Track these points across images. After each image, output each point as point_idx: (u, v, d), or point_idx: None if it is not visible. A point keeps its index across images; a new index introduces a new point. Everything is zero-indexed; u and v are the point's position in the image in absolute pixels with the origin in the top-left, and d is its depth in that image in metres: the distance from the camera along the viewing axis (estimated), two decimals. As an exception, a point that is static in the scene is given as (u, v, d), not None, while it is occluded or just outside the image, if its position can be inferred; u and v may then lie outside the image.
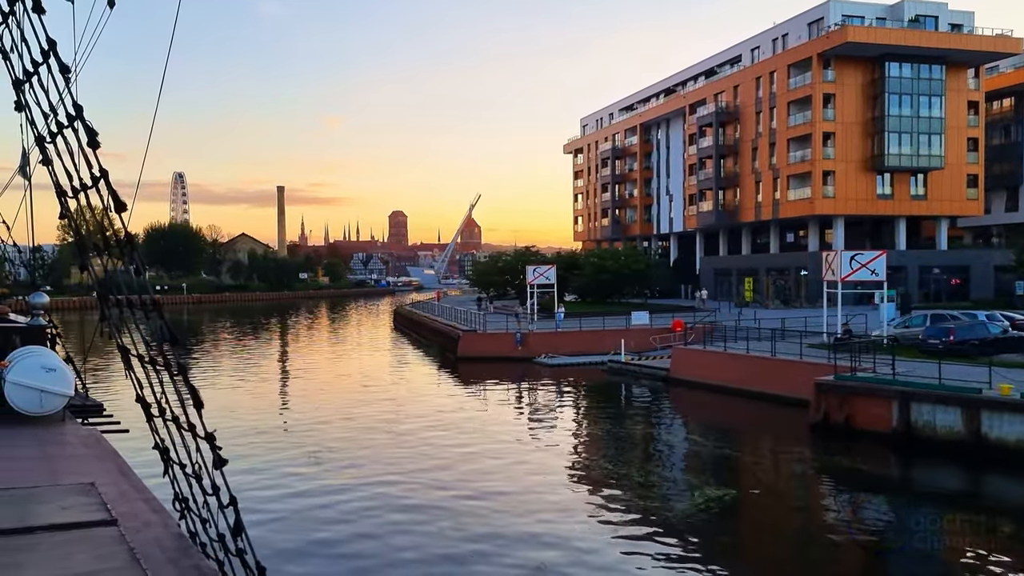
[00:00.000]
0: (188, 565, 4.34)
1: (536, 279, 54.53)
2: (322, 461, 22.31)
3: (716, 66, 79.31)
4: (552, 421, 29.98)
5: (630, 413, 32.07)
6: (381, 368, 46.35)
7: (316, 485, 19.69)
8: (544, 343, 45.92)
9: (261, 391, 40.81)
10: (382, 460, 22.71)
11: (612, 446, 25.22)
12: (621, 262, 64.56)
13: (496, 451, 24.11)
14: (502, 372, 42.56)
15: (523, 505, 18.11)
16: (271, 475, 20.69)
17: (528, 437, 26.79)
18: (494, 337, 46.93)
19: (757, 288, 71.30)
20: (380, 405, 32.20)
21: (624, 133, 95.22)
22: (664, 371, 36.52)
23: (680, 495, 19.08)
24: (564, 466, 22.51)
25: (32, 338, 9.27)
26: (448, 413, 30.64)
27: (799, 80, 64.57)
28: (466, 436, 26.55)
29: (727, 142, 74.18)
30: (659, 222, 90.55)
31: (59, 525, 4.73)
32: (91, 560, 4.24)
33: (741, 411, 30.17)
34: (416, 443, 24.91)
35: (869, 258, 33.55)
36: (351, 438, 25.97)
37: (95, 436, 8.20)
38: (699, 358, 34.65)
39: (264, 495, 18.52)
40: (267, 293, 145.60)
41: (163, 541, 4.69)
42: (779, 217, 67.42)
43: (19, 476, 6.06)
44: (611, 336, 46.76)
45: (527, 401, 34.89)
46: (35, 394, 7.94)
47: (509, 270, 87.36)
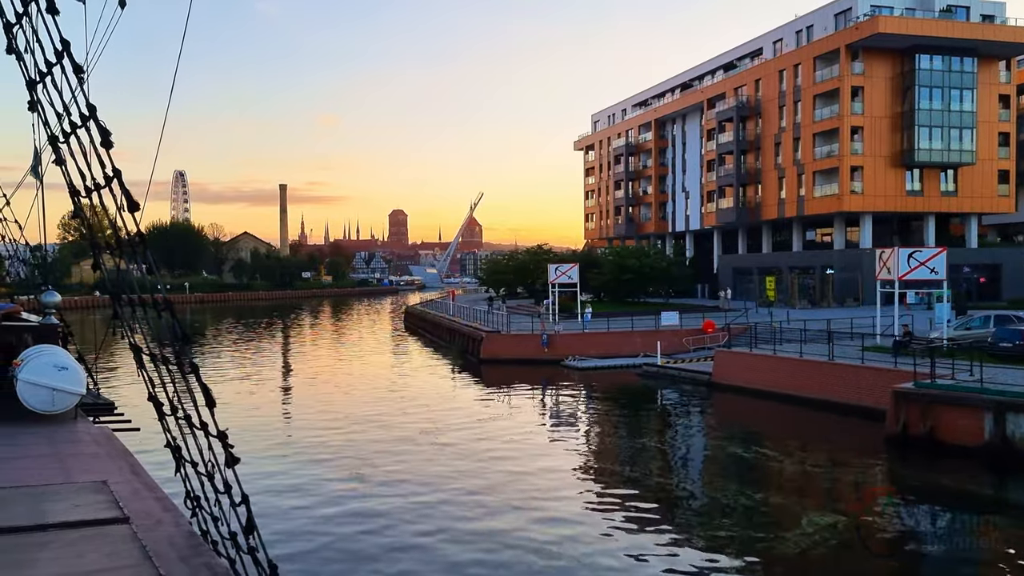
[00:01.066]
0: (200, 563, 4.32)
1: (558, 278, 52.48)
2: (348, 467, 21.81)
3: (735, 60, 77.29)
4: (591, 432, 28.00)
5: (675, 423, 30.02)
6: (401, 371, 44.30)
7: (337, 490, 19.35)
8: (571, 345, 43.96)
9: (277, 392, 38.94)
10: (414, 469, 21.63)
11: (663, 463, 23.18)
12: (644, 261, 62.55)
13: (531, 465, 22.31)
14: (529, 376, 40.59)
15: (576, 538, 16.14)
16: (286, 475, 20.48)
17: (566, 451, 24.81)
18: (519, 338, 44.93)
19: (779, 287, 69.25)
20: (411, 412, 30.20)
21: (638, 129, 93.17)
22: (706, 375, 34.52)
23: (767, 523, 17.06)
24: (615, 486, 20.46)
25: (44, 337, 9.22)
26: (481, 421, 28.68)
27: (825, 73, 62.54)
28: (498, 444, 24.86)
29: (748, 137, 72.17)
30: (674, 220, 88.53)
31: (72, 523, 4.75)
32: (104, 558, 4.25)
33: (801, 421, 28.11)
34: (453, 454, 23.01)
35: (928, 256, 31.48)
36: (383, 447, 24.21)
37: (106, 434, 8.21)
38: (746, 362, 32.65)
39: (278, 494, 18.41)
40: (270, 292, 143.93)
41: (175, 539, 4.69)
42: (804, 214, 65.42)
43: (32, 474, 6.09)
44: (640, 337, 44.86)
45: (560, 408, 32.87)
46: (47, 392, 7.93)
47: (522, 269, 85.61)
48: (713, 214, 77.34)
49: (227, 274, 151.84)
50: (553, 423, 29.73)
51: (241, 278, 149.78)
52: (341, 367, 46.54)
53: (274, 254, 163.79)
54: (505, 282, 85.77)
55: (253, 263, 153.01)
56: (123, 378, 34.61)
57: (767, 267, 71.38)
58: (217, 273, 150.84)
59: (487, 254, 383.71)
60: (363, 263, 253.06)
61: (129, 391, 26.26)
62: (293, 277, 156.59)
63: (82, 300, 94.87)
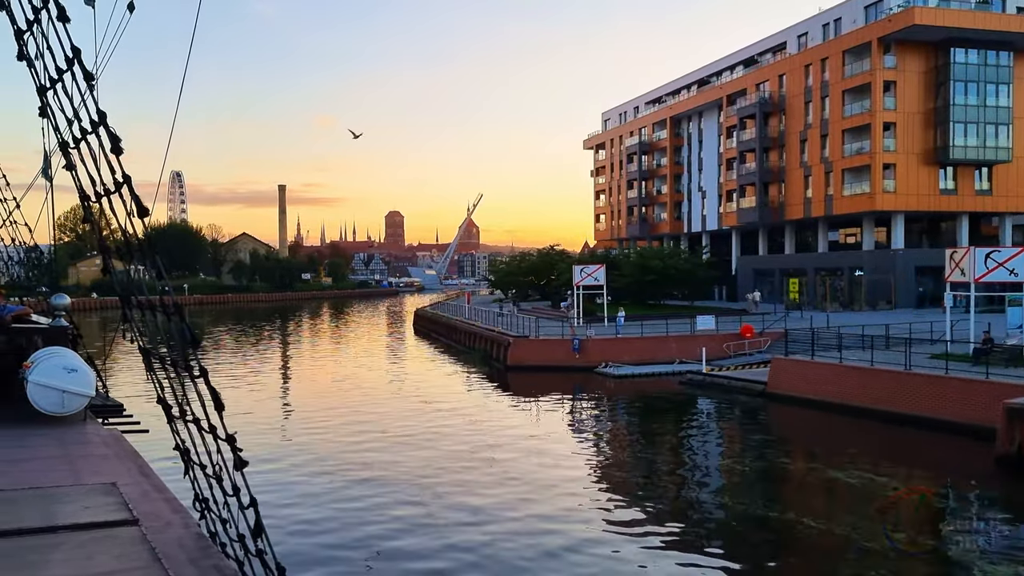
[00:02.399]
0: (209, 565, 4.34)
1: (583, 280, 50.04)
2: (357, 469, 21.78)
3: (757, 55, 74.95)
4: (638, 450, 25.42)
5: (734, 438, 27.50)
6: (423, 378, 41.68)
7: (347, 495, 19.12)
8: (604, 350, 41.49)
9: (291, 396, 36.56)
10: (437, 478, 20.94)
11: (728, 487, 20.60)
12: (667, 262, 60.11)
13: (575, 486, 19.99)
14: (561, 384, 38.18)
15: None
16: (297, 479, 20.52)
17: (611, 472, 22.33)
18: (548, 344, 42.44)
19: (803, 289, 66.98)
20: (444, 425, 27.67)
21: (652, 127, 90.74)
22: (760, 385, 32.06)
23: (881, 561, 14.58)
24: (673, 516, 18.01)
25: (54, 339, 9.25)
26: (518, 436, 26.15)
27: (856, 67, 60.21)
28: (536, 460, 22.47)
29: (771, 134, 69.82)
30: (690, 220, 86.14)
31: (82, 524, 4.77)
32: (113, 559, 4.27)
33: (883, 438, 25.54)
34: (481, 467, 20.51)
35: (1008, 256, 29.12)
36: (401, 454, 21.78)
37: (116, 436, 8.23)
38: (807, 370, 30.18)
39: (289, 498, 18.42)
40: (270, 294, 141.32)
41: (184, 541, 4.71)
42: (832, 214, 63.04)
43: (42, 475, 6.13)
44: (675, 343, 42.49)
45: (601, 422, 30.32)
46: (57, 394, 7.96)
47: (533, 270, 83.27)
48: (733, 214, 74.95)
49: (226, 275, 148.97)
50: (594, 439, 27.17)
51: (240, 280, 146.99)
52: (356, 373, 43.93)
53: (273, 255, 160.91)
54: (517, 284, 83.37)
55: (252, 264, 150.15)
56: (132, 380, 34.32)
57: (790, 269, 69.11)
58: (216, 274, 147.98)
59: (485, 256, 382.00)
60: (362, 264, 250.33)
61: (138, 393, 26.83)
62: (293, 279, 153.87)
63: (79, 302, 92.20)
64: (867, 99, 59.40)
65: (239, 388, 38.24)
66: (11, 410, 8.20)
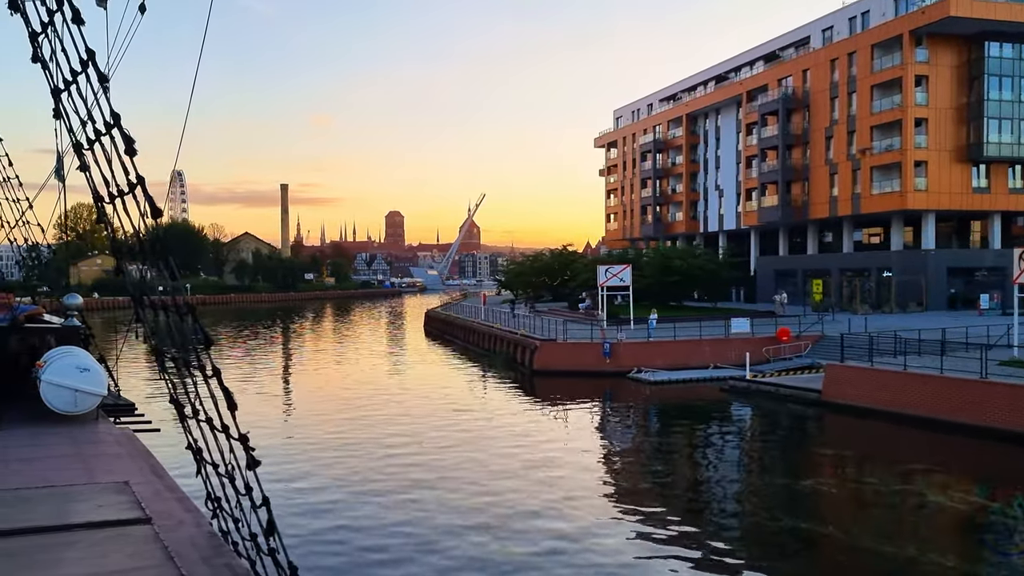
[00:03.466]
0: (221, 564, 4.37)
1: (608, 280, 48.02)
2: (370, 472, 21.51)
3: (778, 50, 73.07)
4: (687, 464, 23.49)
5: (793, 452, 25.49)
6: (444, 382, 39.66)
7: (360, 494, 18.95)
8: (635, 355, 39.49)
9: (309, 399, 34.46)
10: (457, 484, 20.20)
11: (794, 506, 18.67)
12: (691, 262, 58.11)
13: (625, 504, 17.87)
14: (591, 390, 36.22)
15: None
16: (315, 479, 20.36)
17: (663, 488, 20.37)
18: (577, 347, 40.44)
19: (828, 291, 64.89)
20: (468, 430, 25.68)
21: (667, 124, 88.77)
22: (814, 392, 30.05)
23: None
24: (749, 542, 16.05)
25: (67, 338, 9.41)
26: (554, 449, 24.19)
27: (885, 61, 58.27)
28: (572, 474, 20.37)
29: (794, 131, 67.85)
30: (706, 219, 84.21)
31: (96, 523, 4.80)
32: (127, 558, 4.29)
33: (966, 452, 23.58)
34: (528, 479, 18.52)
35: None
36: (422, 459, 19.69)
37: (128, 435, 8.30)
38: (868, 378, 28.17)
39: (302, 498, 18.27)
40: (272, 294, 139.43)
41: (196, 540, 4.75)
42: (860, 212, 61.09)
43: (56, 474, 6.19)
44: (709, 346, 40.55)
45: (639, 433, 28.31)
46: (70, 394, 7.94)
47: (547, 271, 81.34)
48: (754, 213, 72.96)
49: (228, 275, 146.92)
50: (636, 451, 25.15)
51: (243, 280, 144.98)
52: (374, 376, 41.90)
53: (276, 255, 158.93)
54: (529, 285, 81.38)
55: (255, 264, 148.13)
56: (143, 380, 34.30)
57: (814, 269, 67.03)
58: (218, 274, 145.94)
59: (486, 256, 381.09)
60: (364, 264, 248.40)
61: (149, 392, 26.99)
62: (296, 279, 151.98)
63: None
64: (897, 94, 57.48)
65: (250, 389, 36.97)
66: (25, 409, 8.12)
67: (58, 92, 5.43)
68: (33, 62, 5.67)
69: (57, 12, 5.26)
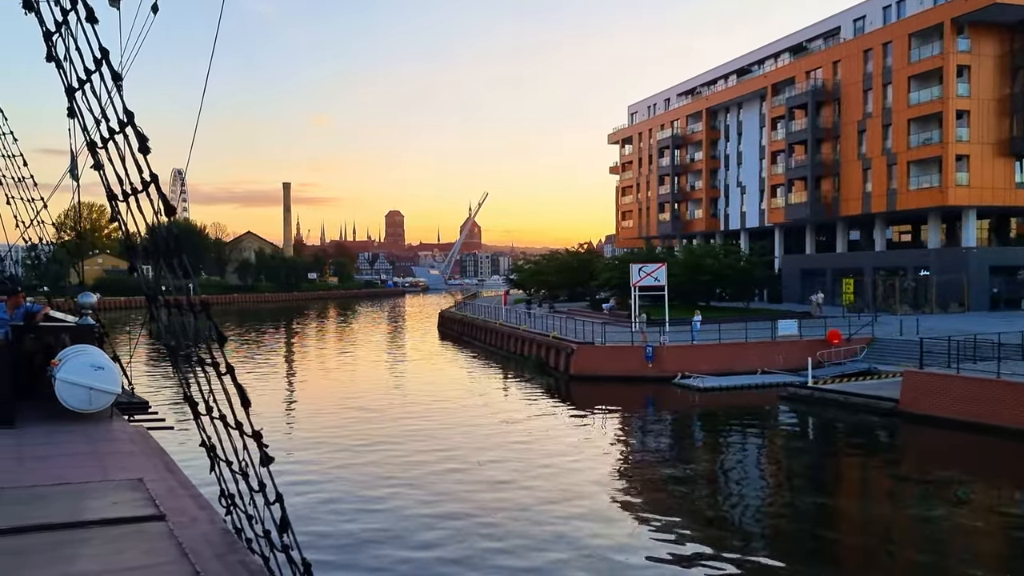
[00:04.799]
0: (235, 560, 4.36)
1: (642, 280, 45.59)
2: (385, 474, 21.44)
3: (805, 41, 70.61)
4: (751, 482, 21.10)
5: (877, 471, 22.97)
6: (480, 390, 37.15)
7: (376, 494, 18.73)
8: (679, 359, 37.06)
9: (324, 401, 32.08)
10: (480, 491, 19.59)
11: (893, 540, 16.25)
12: (722, 261, 55.64)
13: (689, 529, 15.33)
14: (634, 397, 33.91)
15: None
16: (330, 477, 20.23)
17: (729, 511, 17.84)
18: (617, 351, 37.97)
19: (860, 291, 62.37)
20: (495, 434, 23.26)
21: (685, 119, 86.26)
22: (889, 402, 27.57)
23: None
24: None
25: (81, 337, 9.29)
26: (596, 456, 21.73)
27: (924, 51, 55.82)
28: (614, 484, 17.68)
29: (823, 125, 65.37)
30: (727, 217, 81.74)
31: (110, 520, 4.80)
32: (142, 554, 4.30)
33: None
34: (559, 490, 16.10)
35: None
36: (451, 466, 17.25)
37: (142, 433, 8.33)
38: (955, 387, 25.66)
39: (317, 495, 18.22)
40: (276, 294, 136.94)
41: (210, 537, 4.73)
42: (895, 209, 58.64)
43: (71, 471, 6.15)
44: (755, 350, 38.14)
45: (695, 445, 25.97)
46: (84, 392, 8.05)
47: (564, 270, 78.98)
48: (779, 210, 70.48)
49: (230, 275, 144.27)
50: (689, 469, 22.68)
51: (246, 279, 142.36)
52: (398, 381, 39.36)
53: (279, 255, 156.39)
54: (547, 284, 78.94)
55: (258, 264, 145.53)
56: (156, 378, 34.62)
57: (844, 268, 64.50)
58: (220, 274, 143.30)
59: (488, 255, 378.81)
60: (367, 264, 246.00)
61: (163, 390, 27.50)
62: (299, 278, 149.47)
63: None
64: (936, 86, 55.05)
65: (266, 390, 36.17)
66: (40, 407, 8.25)
67: (72, 91, 5.50)
68: (47, 61, 5.74)
69: (71, 11, 5.31)
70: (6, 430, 7.73)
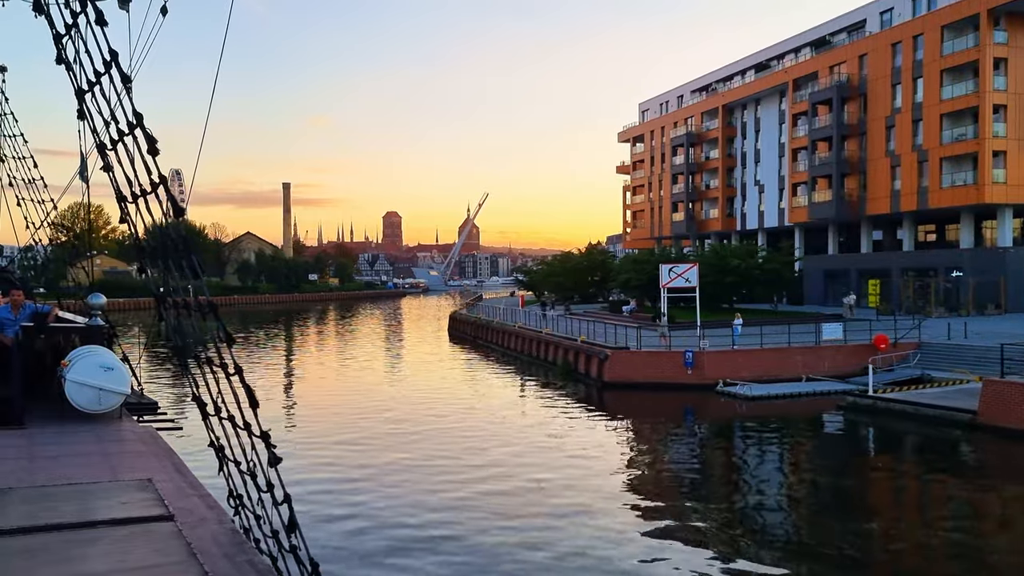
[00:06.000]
0: (243, 560, 4.36)
1: (672, 281, 43.45)
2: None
3: (828, 35, 68.55)
4: (835, 516, 18.75)
5: (982, 498, 20.85)
6: (508, 398, 34.90)
7: (385, 495, 18.44)
8: (719, 365, 34.87)
9: (343, 405, 29.87)
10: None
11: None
12: (749, 261, 53.49)
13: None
14: (675, 407, 31.81)
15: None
16: (340, 478, 20.07)
17: (806, 556, 15.61)
18: (654, 357, 35.75)
19: (886, 292, 60.24)
20: (518, 439, 21.05)
21: (700, 116, 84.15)
22: (965, 413, 25.38)
23: None
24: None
25: (91, 338, 9.31)
26: (639, 470, 19.50)
27: (958, 44, 53.79)
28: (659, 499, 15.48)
29: (848, 121, 63.29)
30: (743, 217, 79.63)
31: (119, 520, 4.82)
32: (150, 554, 4.32)
33: None
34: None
35: None
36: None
37: (151, 433, 8.29)
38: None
39: (325, 496, 18.00)
40: (276, 295, 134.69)
41: (219, 537, 4.72)
42: (927, 207, 56.56)
43: (80, 471, 6.19)
44: (800, 355, 35.98)
45: (752, 464, 23.51)
46: (94, 392, 8.06)
47: (578, 271, 76.97)
48: (801, 209, 68.38)
49: (230, 276, 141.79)
50: (753, 487, 20.49)
51: (246, 280, 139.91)
52: (421, 388, 37.04)
53: (280, 255, 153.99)
54: (560, 286, 76.80)
55: (259, 265, 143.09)
56: (165, 379, 34.58)
57: (871, 270, 62.41)
58: (219, 275, 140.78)
59: (487, 256, 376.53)
60: (367, 265, 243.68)
61: (171, 391, 27.64)
62: (299, 279, 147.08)
63: (78, 304, 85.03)
64: (971, 79, 53.06)
65: (278, 392, 35.53)
66: (50, 407, 8.28)
67: (82, 93, 5.55)
68: (58, 64, 5.81)
69: (81, 14, 5.38)
70: (17, 430, 7.74)
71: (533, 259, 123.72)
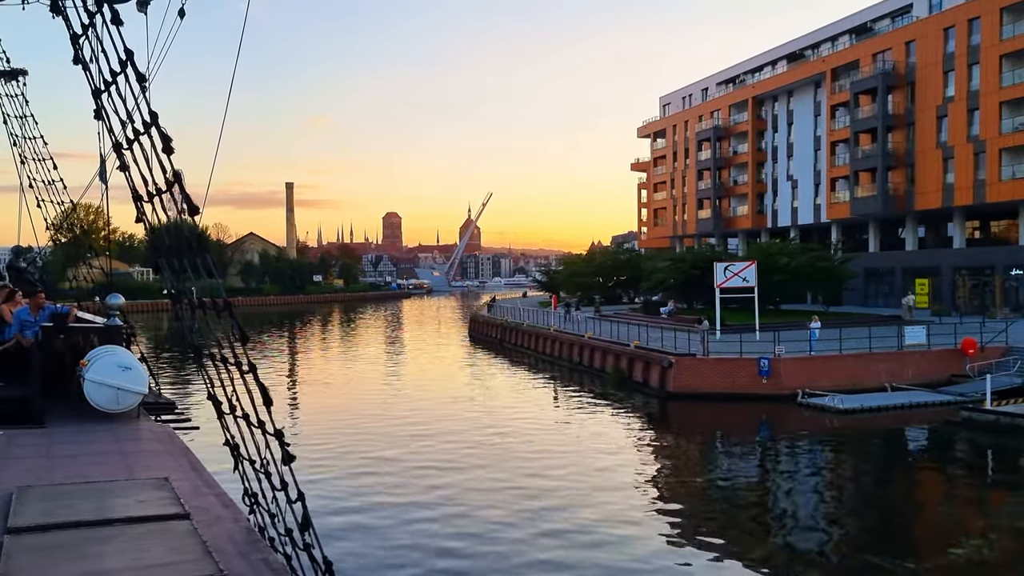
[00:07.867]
0: (257, 558, 4.36)
1: (728, 280, 40.13)
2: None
3: (870, 21, 65.16)
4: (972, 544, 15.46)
5: None
6: (562, 410, 31.43)
7: (399, 495, 18.04)
8: (796, 373, 31.45)
9: (368, 410, 26.39)
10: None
11: None
12: (798, 259, 50.05)
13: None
14: (751, 421, 28.38)
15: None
16: (352, 477, 19.72)
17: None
18: (724, 364, 32.26)
19: (936, 292, 56.83)
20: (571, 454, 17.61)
21: (728, 109, 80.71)
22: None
23: None
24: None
25: (109, 338, 9.38)
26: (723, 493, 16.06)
27: (1020, 27, 50.42)
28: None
29: (894, 111, 59.89)
30: (775, 213, 76.20)
31: (136, 518, 4.83)
32: (166, 552, 4.31)
33: None
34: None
35: None
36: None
37: (168, 432, 8.38)
38: None
39: (339, 494, 17.84)
40: (281, 297, 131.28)
41: (234, 535, 4.72)
42: (985, 202, 53.19)
43: (98, 470, 6.22)
44: (881, 362, 32.64)
45: (878, 498, 20.13)
46: (112, 392, 8.10)
47: (604, 271, 73.66)
48: (841, 204, 64.91)
49: (233, 277, 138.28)
50: (878, 527, 17.05)
51: (249, 282, 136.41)
52: (462, 397, 33.51)
53: (284, 256, 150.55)
54: (584, 286, 73.38)
55: (263, 266, 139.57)
56: (182, 379, 34.51)
57: (918, 268, 59.02)
58: (222, 276, 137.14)
59: (488, 257, 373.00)
60: (370, 266, 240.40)
61: (188, 391, 27.58)
62: (304, 280, 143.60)
63: (78, 306, 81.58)
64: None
65: (297, 395, 34.40)
66: (69, 407, 8.32)
67: (99, 93, 5.62)
68: (74, 64, 5.87)
69: (97, 14, 5.44)
70: (36, 429, 7.82)
71: (535, 259, 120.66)
